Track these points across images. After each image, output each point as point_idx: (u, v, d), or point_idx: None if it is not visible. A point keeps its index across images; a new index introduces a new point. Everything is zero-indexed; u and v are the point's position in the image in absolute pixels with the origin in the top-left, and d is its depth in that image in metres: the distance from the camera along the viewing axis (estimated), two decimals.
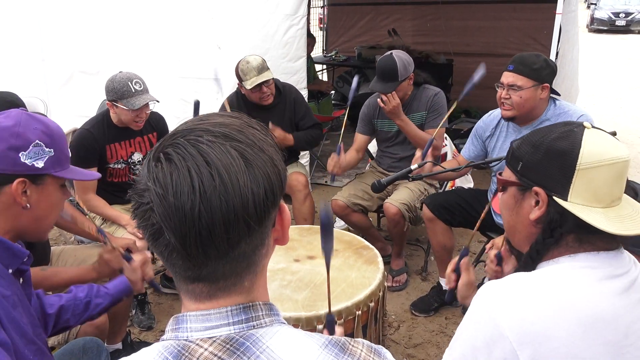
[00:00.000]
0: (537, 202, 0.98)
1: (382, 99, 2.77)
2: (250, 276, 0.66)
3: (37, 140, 1.15)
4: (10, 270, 1.13)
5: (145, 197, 0.60)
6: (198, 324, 0.64)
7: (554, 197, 0.95)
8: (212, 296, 0.65)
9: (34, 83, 4.33)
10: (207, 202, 0.58)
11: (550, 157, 0.95)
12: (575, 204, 0.93)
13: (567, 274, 0.92)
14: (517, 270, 1.01)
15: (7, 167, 1.12)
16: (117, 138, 2.52)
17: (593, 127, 0.97)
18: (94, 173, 1.39)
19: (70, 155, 1.26)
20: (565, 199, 0.94)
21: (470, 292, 1.39)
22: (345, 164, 2.88)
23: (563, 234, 0.95)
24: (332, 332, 1.08)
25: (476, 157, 2.58)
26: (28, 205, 1.15)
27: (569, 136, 0.95)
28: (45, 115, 3.27)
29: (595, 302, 0.87)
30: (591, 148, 0.93)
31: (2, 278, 1.10)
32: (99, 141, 2.46)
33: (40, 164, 1.16)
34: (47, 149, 1.17)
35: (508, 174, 1.05)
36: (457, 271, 1.45)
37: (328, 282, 1.09)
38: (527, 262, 0.99)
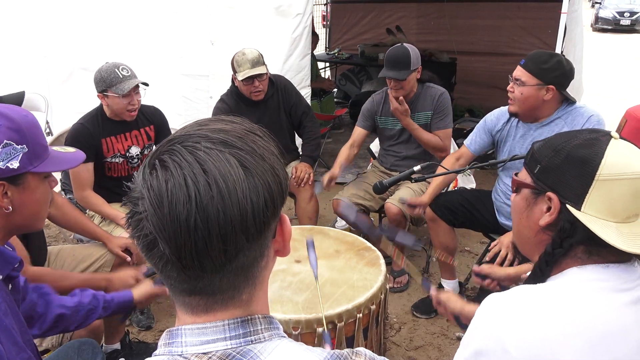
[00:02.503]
0: (548, 209, 0.94)
1: (390, 94, 2.77)
2: (249, 289, 0.64)
3: (5, 140, 1.05)
4: (1, 277, 1.09)
5: (140, 206, 0.57)
6: (193, 337, 0.61)
7: (567, 205, 0.91)
8: (208, 309, 0.62)
9: (36, 79, 4.31)
10: (204, 213, 0.55)
11: (569, 163, 0.91)
12: (588, 215, 0.89)
13: (575, 288, 0.89)
14: (527, 282, 0.97)
15: None
16: (112, 131, 2.49)
17: (622, 138, 0.92)
18: (76, 156, 1.26)
19: (47, 143, 1.18)
20: (579, 209, 0.89)
21: (458, 304, 1.44)
22: (341, 170, 2.90)
23: (573, 245, 0.91)
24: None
25: (481, 149, 2.54)
26: (10, 208, 1.09)
27: (593, 144, 0.90)
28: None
29: (604, 318, 0.84)
30: (614, 159, 0.88)
31: None
32: (94, 135, 2.43)
33: (15, 164, 1.07)
34: (19, 147, 1.07)
35: (524, 175, 1.01)
36: (440, 305, 1.52)
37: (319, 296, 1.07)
38: (537, 273, 0.95)
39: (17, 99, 2.25)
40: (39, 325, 1.41)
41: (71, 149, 1.28)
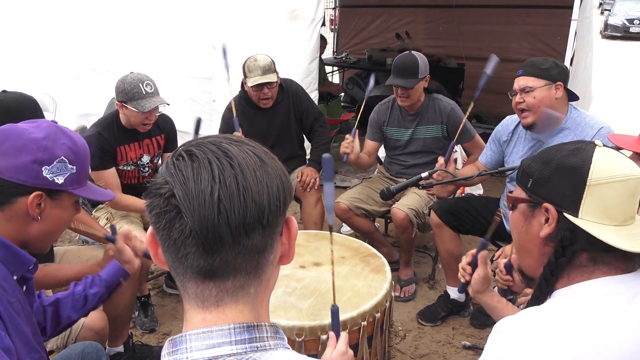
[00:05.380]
0: (547, 220, 0.96)
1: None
2: (256, 282, 0.65)
3: (62, 157, 1.15)
4: (15, 277, 1.13)
5: (164, 188, 0.61)
6: (199, 342, 0.62)
7: (565, 214, 0.93)
8: (219, 301, 0.64)
9: (44, 79, 4.34)
10: (226, 189, 0.60)
11: (560, 173, 0.94)
12: (586, 221, 0.91)
13: (588, 305, 0.87)
14: (533, 294, 0.96)
15: (27, 179, 1.11)
16: (126, 140, 2.51)
17: (604, 145, 0.96)
18: (107, 193, 1.38)
19: (89, 173, 1.28)
20: (576, 216, 0.91)
21: (484, 288, 1.38)
22: (359, 153, 2.74)
23: (576, 253, 0.92)
24: (336, 324, 1.08)
25: (494, 162, 2.53)
26: (39, 217, 1.15)
27: (580, 153, 0.94)
28: (53, 118, 3.22)
29: (620, 335, 0.82)
30: (602, 164, 0.91)
31: (7, 284, 1.09)
32: (110, 143, 2.45)
33: (60, 180, 1.16)
34: (70, 166, 1.17)
35: (518, 192, 1.03)
36: (473, 264, 1.43)
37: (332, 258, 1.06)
38: (542, 285, 0.95)
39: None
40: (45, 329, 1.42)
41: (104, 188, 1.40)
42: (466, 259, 1.47)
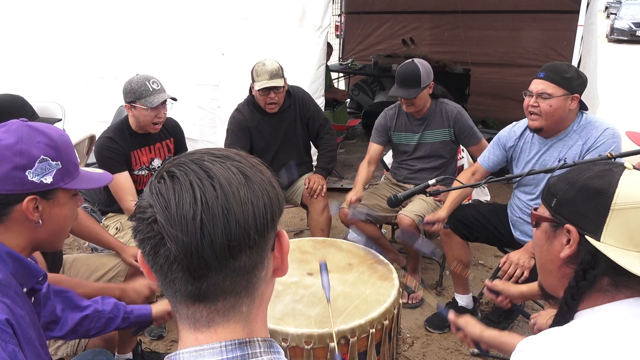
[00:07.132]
0: (568, 241, 0.94)
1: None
2: (248, 300, 0.65)
3: (42, 156, 1.10)
4: (25, 289, 1.12)
5: (148, 212, 0.60)
6: None
7: (586, 237, 0.91)
8: (210, 322, 0.63)
9: (53, 88, 4.37)
10: (209, 211, 0.59)
11: (584, 195, 0.92)
12: (608, 245, 0.88)
13: (613, 326, 0.86)
14: (555, 317, 0.96)
15: (15, 187, 1.07)
16: (138, 144, 2.53)
17: (635, 168, 0.93)
18: (105, 177, 1.30)
19: (78, 162, 1.22)
20: (598, 239, 0.89)
21: (477, 329, 1.46)
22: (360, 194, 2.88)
23: (597, 277, 0.90)
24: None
25: (495, 165, 2.52)
26: (40, 221, 1.12)
27: (606, 175, 0.92)
28: (60, 119, 3.21)
29: None
30: (628, 189, 0.89)
31: (18, 297, 1.09)
32: (124, 148, 2.48)
33: (48, 179, 1.11)
34: (53, 163, 1.12)
35: (542, 210, 1.02)
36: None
37: None
38: (563, 308, 0.94)
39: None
40: (59, 328, 1.43)
41: (99, 170, 1.32)
42: (460, 335, 1.57)
